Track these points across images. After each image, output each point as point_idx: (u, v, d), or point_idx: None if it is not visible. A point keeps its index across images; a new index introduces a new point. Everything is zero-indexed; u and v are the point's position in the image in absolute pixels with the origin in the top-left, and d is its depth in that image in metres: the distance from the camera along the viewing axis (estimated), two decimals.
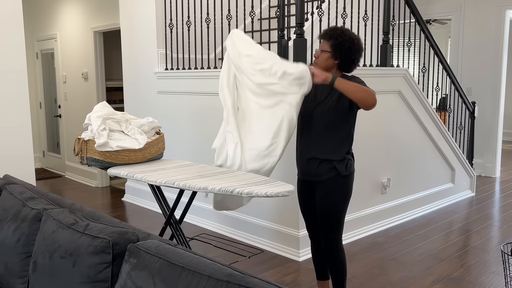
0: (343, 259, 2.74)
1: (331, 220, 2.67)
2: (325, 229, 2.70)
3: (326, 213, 2.67)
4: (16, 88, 3.64)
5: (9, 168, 3.64)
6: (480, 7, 6.73)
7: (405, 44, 5.23)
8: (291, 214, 3.83)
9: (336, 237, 2.70)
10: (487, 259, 3.79)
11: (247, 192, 2.20)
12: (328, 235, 2.70)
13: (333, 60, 2.62)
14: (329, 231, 2.69)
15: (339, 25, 2.83)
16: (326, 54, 2.62)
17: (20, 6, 3.62)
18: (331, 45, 2.59)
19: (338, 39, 2.58)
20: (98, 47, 6.27)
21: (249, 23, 5.53)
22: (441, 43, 10.88)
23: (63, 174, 7.30)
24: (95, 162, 2.90)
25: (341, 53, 2.59)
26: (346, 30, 2.63)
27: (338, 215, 2.68)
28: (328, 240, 2.71)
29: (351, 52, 2.60)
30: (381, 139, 4.47)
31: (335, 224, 2.68)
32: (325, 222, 2.68)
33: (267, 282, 1.35)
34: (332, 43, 2.59)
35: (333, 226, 2.68)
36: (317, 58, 2.66)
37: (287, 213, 3.86)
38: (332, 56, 2.61)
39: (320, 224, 2.72)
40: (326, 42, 2.62)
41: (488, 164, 6.86)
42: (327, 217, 2.67)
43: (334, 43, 2.58)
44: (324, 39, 2.64)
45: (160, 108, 5.08)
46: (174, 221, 2.86)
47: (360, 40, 2.64)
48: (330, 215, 2.66)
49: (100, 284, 1.74)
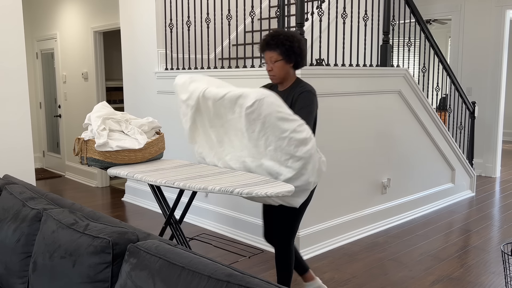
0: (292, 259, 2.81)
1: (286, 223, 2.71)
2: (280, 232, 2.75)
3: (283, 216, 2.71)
4: (16, 88, 3.64)
5: (9, 168, 3.64)
6: (480, 7, 6.73)
7: (405, 44, 5.23)
8: None
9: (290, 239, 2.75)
10: (487, 259, 3.79)
11: (247, 192, 2.20)
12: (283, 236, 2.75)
13: (288, 64, 2.64)
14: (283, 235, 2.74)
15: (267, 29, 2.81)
16: (280, 63, 2.62)
17: (20, 6, 3.62)
18: (282, 52, 2.60)
19: (286, 44, 2.58)
20: (98, 47, 6.27)
21: (249, 23, 5.54)
22: (441, 43, 10.88)
23: (63, 174, 7.30)
24: (95, 162, 2.90)
25: (294, 55, 2.61)
26: (283, 31, 2.63)
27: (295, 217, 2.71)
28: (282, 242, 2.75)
29: (301, 49, 2.63)
30: (381, 139, 4.47)
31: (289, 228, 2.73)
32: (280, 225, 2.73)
33: (267, 282, 1.35)
34: (282, 50, 2.59)
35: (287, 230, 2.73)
36: (271, 70, 2.65)
37: None
38: (286, 62, 2.63)
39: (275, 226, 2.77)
40: (272, 52, 2.61)
41: (488, 164, 6.86)
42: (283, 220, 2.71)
43: (284, 49, 2.59)
44: (269, 50, 2.63)
45: (160, 108, 5.08)
46: (174, 221, 2.86)
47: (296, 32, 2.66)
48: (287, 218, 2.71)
49: (100, 284, 1.74)
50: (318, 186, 3.91)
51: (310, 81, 3.69)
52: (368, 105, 4.29)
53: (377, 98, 4.36)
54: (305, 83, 2.69)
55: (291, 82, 2.71)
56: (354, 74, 4.08)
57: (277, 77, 2.67)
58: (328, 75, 3.86)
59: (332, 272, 3.54)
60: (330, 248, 4.01)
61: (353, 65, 4.32)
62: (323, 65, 4.04)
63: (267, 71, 2.68)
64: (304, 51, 2.66)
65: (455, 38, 7.02)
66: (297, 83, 2.70)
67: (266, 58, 2.66)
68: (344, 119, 4.07)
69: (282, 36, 2.59)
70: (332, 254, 3.91)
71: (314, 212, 3.91)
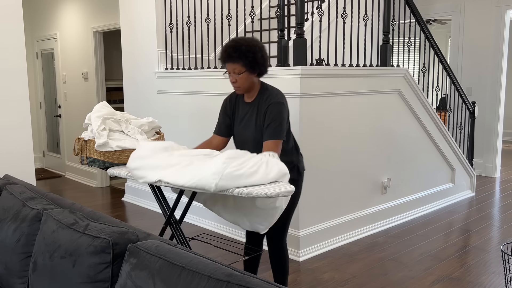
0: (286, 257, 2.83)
1: (279, 223, 2.72)
2: (273, 231, 2.76)
3: None
4: (16, 88, 3.64)
5: (9, 168, 3.64)
6: (480, 7, 6.73)
7: (405, 44, 5.23)
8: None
9: (282, 237, 2.77)
10: (487, 259, 3.79)
11: (247, 192, 2.20)
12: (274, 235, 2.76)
13: (253, 74, 2.59)
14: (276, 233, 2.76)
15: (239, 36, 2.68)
16: (244, 74, 2.56)
17: (20, 6, 3.62)
18: (245, 64, 2.54)
19: (249, 55, 2.52)
20: (98, 47, 6.27)
21: (249, 23, 5.53)
22: (441, 43, 10.88)
23: (63, 174, 7.30)
24: (95, 162, 2.90)
25: (258, 64, 2.56)
26: (244, 41, 2.55)
27: (286, 213, 2.72)
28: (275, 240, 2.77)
29: (264, 58, 2.58)
30: (381, 139, 4.47)
31: (282, 226, 2.75)
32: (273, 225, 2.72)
33: (267, 282, 1.35)
34: (245, 62, 2.53)
35: (279, 228, 2.75)
36: (235, 82, 2.59)
37: None
38: (251, 72, 2.57)
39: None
40: (235, 64, 2.55)
41: (488, 164, 6.86)
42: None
43: (248, 61, 2.53)
44: (231, 62, 2.56)
45: (160, 108, 5.08)
46: (174, 221, 2.86)
47: (257, 39, 2.60)
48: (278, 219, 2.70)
49: (100, 284, 1.74)
50: (318, 186, 3.92)
51: (310, 81, 3.70)
52: (368, 105, 4.29)
53: (377, 98, 4.36)
54: (271, 89, 2.65)
55: (256, 90, 2.66)
56: (354, 74, 4.08)
57: (242, 88, 2.62)
58: (328, 75, 3.86)
59: (332, 272, 3.54)
60: (330, 248, 4.01)
61: (353, 65, 4.32)
62: (323, 65, 4.04)
63: (231, 83, 2.62)
64: (267, 59, 2.61)
65: (455, 38, 7.02)
66: (263, 91, 2.65)
67: (228, 69, 2.59)
68: (344, 119, 4.07)
69: (244, 47, 2.52)
70: (332, 254, 3.91)
71: (314, 212, 3.91)
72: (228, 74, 2.62)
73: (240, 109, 2.73)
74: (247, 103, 2.70)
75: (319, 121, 3.84)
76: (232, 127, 2.79)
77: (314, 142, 3.83)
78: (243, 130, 2.70)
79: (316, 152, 3.86)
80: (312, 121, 3.79)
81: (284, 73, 3.70)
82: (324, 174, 3.95)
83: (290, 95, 3.68)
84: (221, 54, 2.60)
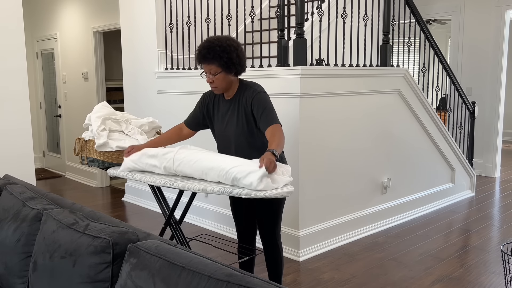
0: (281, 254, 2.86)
1: (271, 219, 2.75)
2: (266, 228, 2.78)
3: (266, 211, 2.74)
4: (16, 88, 3.64)
5: (9, 168, 3.64)
6: (480, 7, 6.73)
7: (405, 44, 5.23)
8: (291, 214, 3.83)
9: (275, 233, 2.79)
10: (487, 259, 3.80)
11: (246, 193, 2.20)
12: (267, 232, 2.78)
13: (230, 74, 2.58)
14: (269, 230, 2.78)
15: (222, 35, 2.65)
16: (221, 75, 2.55)
17: (20, 6, 3.62)
18: (221, 65, 2.52)
19: (224, 56, 2.50)
20: (98, 47, 6.27)
21: (249, 23, 5.53)
22: (441, 43, 10.88)
23: (63, 174, 7.31)
24: (95, 162, 2.90)
25: (234, 64, 2.54)
26: (219, 42, 2.53)
27: (277, 208, 2.75)
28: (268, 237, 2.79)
29: (240, 57, 2.56)
30: (381, 139, 4.47)
31: (274, 222, 2.77)
32: (265, 221, 2.76)
33: (267, 282, 1.35)
34: (221, 63, 2.52)
35: (272, 224, 2.77)
36: (212, 82, 2.58)
37: (287, 213, 3.86)
38: (228, 72, 2.56)
39: (259, 223, 2.79)
40: (210, 65, 2.53)
41: (488, 164, 6.86)
42: (267, 215, 2.75)
43: (223, 61, 2.51)
44: (206, 64, 2.54)
45: (160, 108, 5.08)
46: (174, 221, 2.86)
47: (232, 38, 2.58)
48: (270, 215, 2.74)
49: (100, 284, 1.74)
50: (318, 186, 3.92)
51: (310, 81, 3.70)
52: (368, 105, 4.29)
53: (377, 98, 4.36)
54: (251, 84, 2.65)
55: (235, 88, 2.66)
56: (354, 74, 4.08)
57: (219, 89, 2.61)
58: (328, 75, 3.86)
59: (332, 272, 3.54)
60: (330, 248, 4.01)
61: (353, 65, 4.32)
62: (323, 65, 4.04)
63: (208, 83, 2.60)
64: (243, 58, 2.58)
65: (455, 38, 7.02)
66: (242, 87, 2.65)
67: (205, 70, 2.58)
68: (344, 119, 4.07)
69: (218, 48, 2.50)
70: (332, 254, 3.91)
71: (314, 212, 3.92)
72: (205, 75, 2.61)
73: (220, 106, 2.73)
74: (227, 100, 2.70)
75: (319, 121, 3.84)
76: (211, 125, 2.81)
77: (314, 142, 3.83)
78: (226, 126, 2.70)
79: (316, 152, 3.86)
80: (312, 121, 3.79)
81: (284, 73, 3.70)
82: (324, 174, 3.95)
83: (290, 95, 3.68)
84: (196, 56, 2.59)
